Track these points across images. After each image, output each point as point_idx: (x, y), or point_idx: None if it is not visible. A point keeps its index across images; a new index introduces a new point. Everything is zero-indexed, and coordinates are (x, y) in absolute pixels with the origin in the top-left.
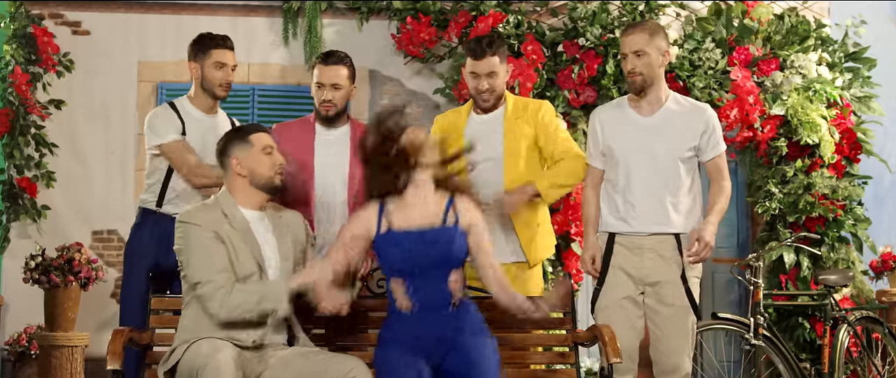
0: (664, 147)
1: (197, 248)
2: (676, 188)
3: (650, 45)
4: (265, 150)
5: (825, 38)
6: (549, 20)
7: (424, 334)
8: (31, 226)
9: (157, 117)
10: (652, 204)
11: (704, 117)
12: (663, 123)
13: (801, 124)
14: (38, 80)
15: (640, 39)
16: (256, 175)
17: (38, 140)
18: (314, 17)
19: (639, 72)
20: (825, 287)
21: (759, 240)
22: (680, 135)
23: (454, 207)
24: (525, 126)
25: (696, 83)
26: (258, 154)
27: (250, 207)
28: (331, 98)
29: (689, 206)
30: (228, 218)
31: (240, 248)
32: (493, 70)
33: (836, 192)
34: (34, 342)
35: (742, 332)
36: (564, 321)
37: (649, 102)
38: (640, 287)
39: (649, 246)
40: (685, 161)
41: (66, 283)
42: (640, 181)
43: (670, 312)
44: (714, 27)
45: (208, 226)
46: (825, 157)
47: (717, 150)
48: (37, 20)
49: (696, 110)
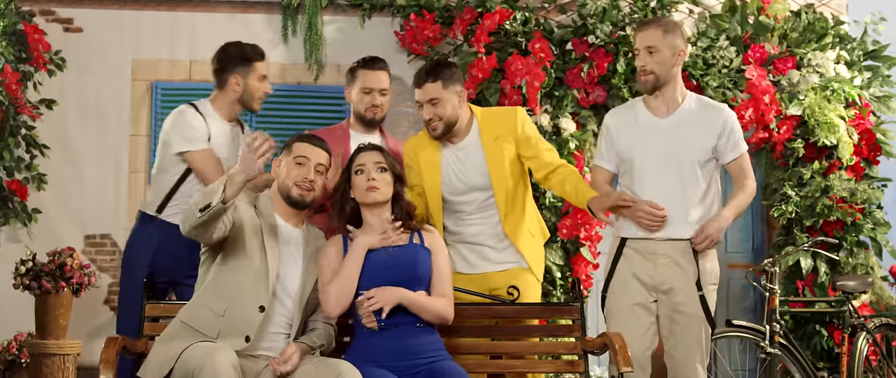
0: (680, 149)
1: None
2: (693, 192)
3: (663, 42)
4: (297, 159)
5: (843, 35)
6: (557, 17)
7: (392, 350)
8: (21, 230)
9: (186, 121)
10: (667, 209)
11: (722, 117)
12: (680, 125)
13: (819, 125)
14: (28, 79)
15: (653, 36)
16: (280, 181)
17: (28, 141)
18: (314, 13)
19: (650, 70)
20: (843, 293)
21: (774, 244)
22: (696, 136)
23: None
24: (505, 144)
25: (710, 82)
26: (290, 162)
27: (284, 218)
28: (380, 103)
29: (706, 212)
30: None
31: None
32: (436, 97)
33: (855, 194)
34: (24, 350)
35: (757, 339)
36: (573, 328)
37: (665, 103)
38: (653, 294)
39: (663, 251)
40: (703, 164)
41: (58, 289)
42: (655, 185)
43: (685, 321)
44: (728, 24)
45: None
46: (843, 158)
47: (738, 151)
48: (27, 17)
49: (712, 110)
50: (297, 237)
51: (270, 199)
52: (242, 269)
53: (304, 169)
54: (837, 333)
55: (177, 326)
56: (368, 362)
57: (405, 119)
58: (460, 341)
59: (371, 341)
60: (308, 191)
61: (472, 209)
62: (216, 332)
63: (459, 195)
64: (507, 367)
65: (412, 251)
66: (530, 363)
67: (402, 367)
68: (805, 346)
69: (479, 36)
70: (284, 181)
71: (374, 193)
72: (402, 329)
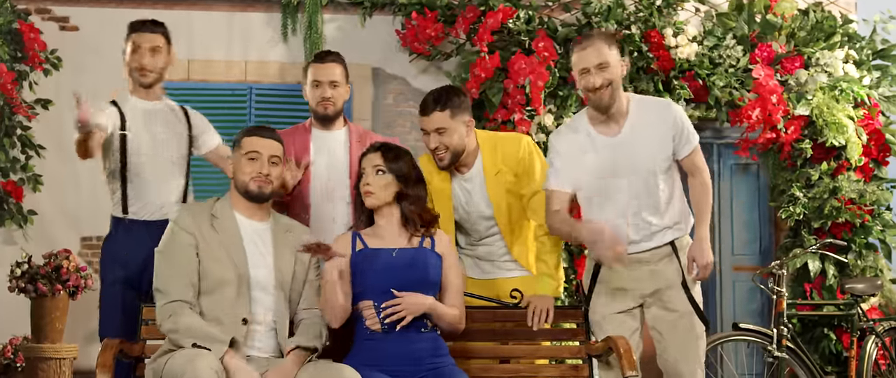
0: (639, 165)
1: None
2: (660, 202)
3: (611, 56)
4: (249, 155)
5: (852, 34)
6: (561, 15)
7: (396, 354)
8: (16, 232)
9: None
10: (636, 226)
11: (671, 117)
12: (632, 139)
13: (827, 125)
14: (24, 79)
15: (601, 50)
16: (236, 180)
17: (24, 141)
18: (314, 12)
19: (605, 86)
20: (852, 296)
21: (782, 246)
22: (652, 146)
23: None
24: (506, 177)
25: (717, 82)
26: (241, 158)
27: (246, 215)
28: (330, 95)
29: (676, 214)
30: (216, 221)
31: (216, 255)
32: (443, 126)
33: (864, 196)
34: (20, 354)
35: (764, 343)
36: (577, 332)
37: (613, 118)
38: (638, 299)
39: (645, 259)
40: (664, 170)
41: (54, 291)
42: (620, 207)
43: (673, 318)
44: (735, 23)
45: (190, 229)
46: (852, 159)
47: (690, 145)
48: (23, 15)
49: (660, 112)
50: (263, 231)
51: (229, 202)
52: (217, 290)
53: (257, 163)
54: (846, 337)
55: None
56: (371, 367)
57: (407, 119)
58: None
59: (374, 345)
60: (266, 183)
61: (481, 236)
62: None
63: (468, 223)
64: (511, 371)
65: (422, 255)
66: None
67: (405, 373)
68: (813, 350)
69: (481, 35)
70: (240, 178)
71: (369, 198)
72: (406, 333)
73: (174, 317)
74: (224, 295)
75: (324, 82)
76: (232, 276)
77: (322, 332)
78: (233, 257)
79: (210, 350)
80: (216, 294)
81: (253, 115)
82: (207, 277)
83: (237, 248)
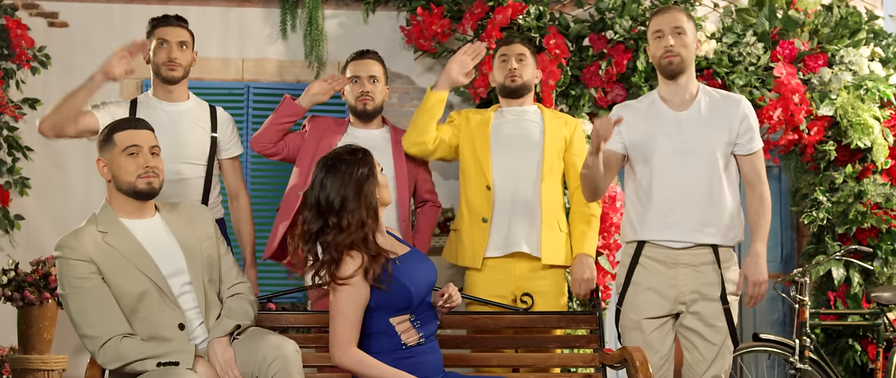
0: (700, 145)
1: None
2: (714, 192)
3: (689, 25)
4: (128, 151)
5: (878, 30)
6: (573, 11)
7: (432, 363)
8: (2, 237)
9: None
10: (686, 210)
11: (740, 107)
12: (698, 118)
13: (852, 126)
14: (10, 77)
15: (679, 17)
16: (118, 181)
17: (10, 143)
18: (315, 7)
19: (677, 51)
20: (878, 305)
21: (805, 253)
22: (716, 129)
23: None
24: (563, 130)
25: (736, 80)
26: (119, 156)
27: (134, 217)
28: (369, 90)
29: (727, 217)
30: (107, 236)
31: (123, 270)
32: (523, 53)
33: (891, 200)
34: (6, 366)
35: (786, 354)
36: (591, 339)
37: (680, 95)
38: (674, 307)
39: (686, 261)
40: (725, 161)
41: (42, 300)
42: (673, 184)
43: (708, 332)
44: (756, 19)
45: (85, 256)
46: (878, 162)
47: (753, 145)
48: (9, 11)
49: (730, 100)
50: (157, 226)
51: (110, 211)
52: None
53: (140, 158)
54: (871, 348)
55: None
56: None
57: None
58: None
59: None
60: (154, 177)
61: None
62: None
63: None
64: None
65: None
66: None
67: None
68: (837, 361)
69: (490, 31)
70: (124, 179)
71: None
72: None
73: (118, 351)
74: (149, 308)
75: (363, 77)
76: (147, 285)
77: (249, 313)
78: (139, 266)
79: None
80: (141, 311)
81: (250, 115)
82: (124, 296)
83: (140, 254)
